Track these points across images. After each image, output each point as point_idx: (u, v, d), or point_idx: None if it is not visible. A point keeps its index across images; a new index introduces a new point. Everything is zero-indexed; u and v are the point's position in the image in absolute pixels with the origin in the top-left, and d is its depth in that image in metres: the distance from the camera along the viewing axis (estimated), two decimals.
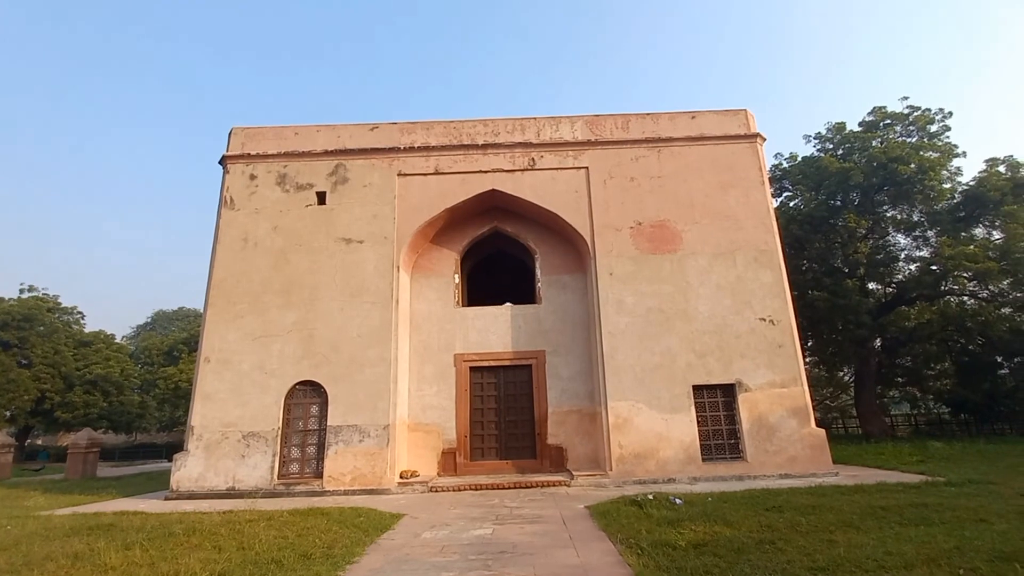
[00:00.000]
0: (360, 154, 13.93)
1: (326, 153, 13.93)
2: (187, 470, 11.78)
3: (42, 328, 31.25)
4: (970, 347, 21.89)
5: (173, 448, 33.70)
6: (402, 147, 13.97)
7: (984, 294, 20.76)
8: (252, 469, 11.75)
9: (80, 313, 36.54)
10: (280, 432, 12.05)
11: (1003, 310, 20.35)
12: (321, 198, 13.66)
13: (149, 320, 59.83)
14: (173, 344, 38.99)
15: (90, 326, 37.52)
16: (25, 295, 33.03)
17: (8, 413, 28.70)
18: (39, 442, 40.34)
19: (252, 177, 13.80)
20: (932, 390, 24.30)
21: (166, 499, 11.50)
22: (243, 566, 5.54)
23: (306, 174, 13.82)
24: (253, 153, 13.94)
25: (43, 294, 33.92)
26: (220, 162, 13.99)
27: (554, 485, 11.62)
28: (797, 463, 11.69)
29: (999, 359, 21.59)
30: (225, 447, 11.90)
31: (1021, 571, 4.55)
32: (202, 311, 13.21)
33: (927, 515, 6.91)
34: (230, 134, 14.19)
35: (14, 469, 20.53)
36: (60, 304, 34.75)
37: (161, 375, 35.20)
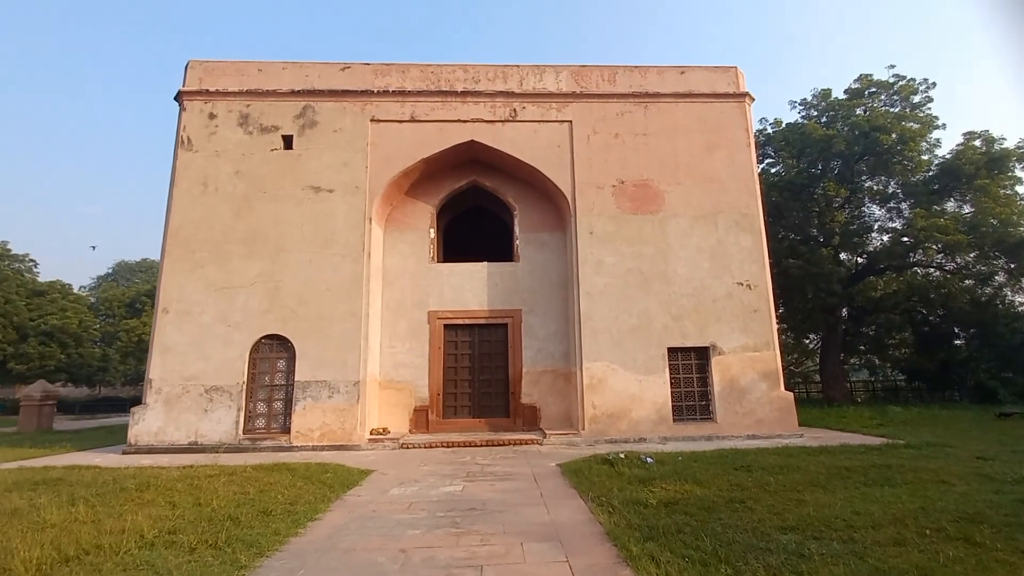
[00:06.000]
0: (330, 96, 13.01)
1: (293, 93, 12.96)
2: (146, 424, 11.32)
3: None
4: (931, 318, 22.62)
5: (139, 402, 33.02)
6: (376, 90, 13.09)
7: (950, 266, 21.30)
8: (216, 424, 11.37)
9: (33, 261, 34.83)
10: (245, 387, 11.63)
11: (966, 282, 20.97)
12: (287, 142, 12.79)
13: (111, 271, 57.33)
14: (135, 296, 37.59)
15: (45, 276, 35.74)
16: None
17: None
18: None
19: (211, 116, 12.78)
20: (891, 358, 25.24)
21: (124, 453, 11.08)
22: (196, 523, 5.24)
23: (271, 115, 12.87)
24: (212, 90, 12.87)
25: None
26: (176, 98, 12.90)
27: (526, 443, 11.61)
28: (764, 425, 11.92)
29: (956, 330, 22.42)
30: (186, 401, 11.45)
31: (988, 532, 4.58)
32: (159, 259, 12.45)
33: (891, 476, 7.04)
34: (186, 67, 13.03)
35: None
36: (10, 251, 32.88)
37: (123, 327, 33.97)
